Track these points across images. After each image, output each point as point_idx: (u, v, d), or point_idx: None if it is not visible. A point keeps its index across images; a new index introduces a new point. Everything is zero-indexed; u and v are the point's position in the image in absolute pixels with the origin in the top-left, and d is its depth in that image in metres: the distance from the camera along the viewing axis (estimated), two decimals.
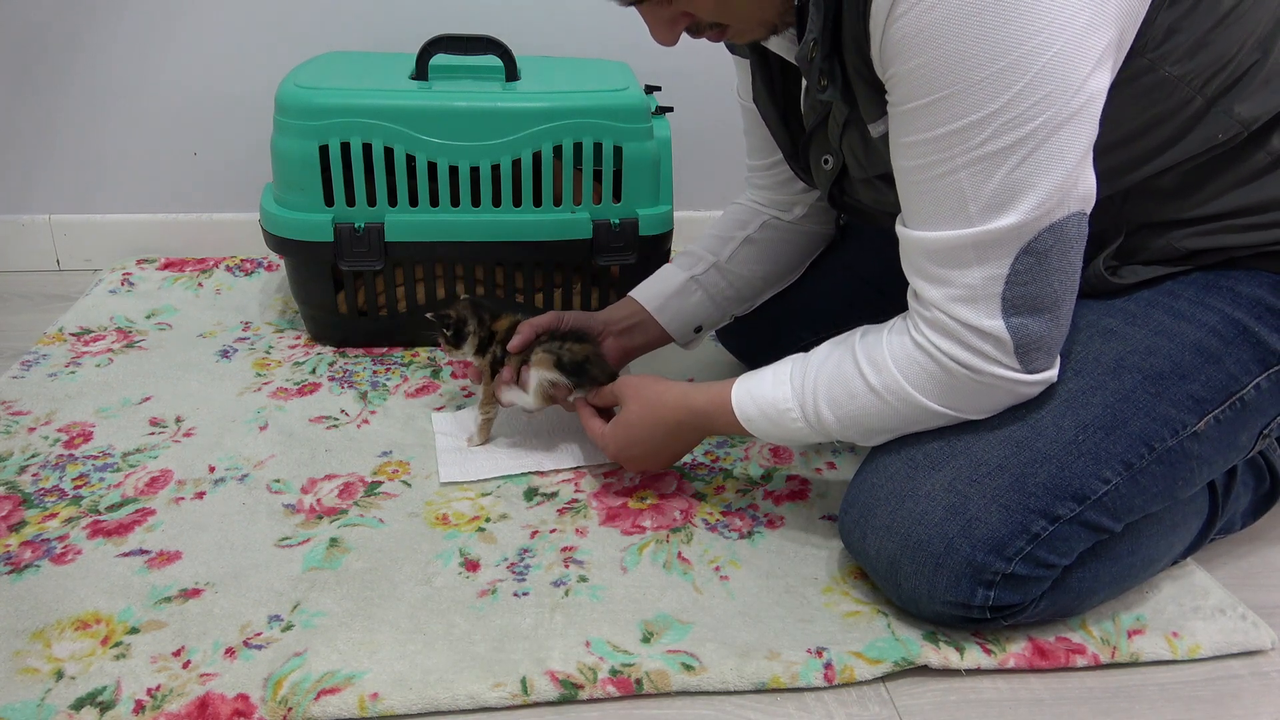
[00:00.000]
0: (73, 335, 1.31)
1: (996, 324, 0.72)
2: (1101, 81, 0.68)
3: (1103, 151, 0.70)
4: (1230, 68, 0.74)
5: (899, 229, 0.77)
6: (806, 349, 0.85)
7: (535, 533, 0.94)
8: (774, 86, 0.93)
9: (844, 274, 1.13)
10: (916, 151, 0.71)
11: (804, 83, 0.88)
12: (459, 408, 1.16)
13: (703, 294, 1.09)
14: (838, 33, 0.72)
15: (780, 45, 0.83)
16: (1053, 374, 0.77)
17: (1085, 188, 0.70)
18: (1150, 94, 0.74)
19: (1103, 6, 0.65)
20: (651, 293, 1.10)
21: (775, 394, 0.84)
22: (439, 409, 1.16)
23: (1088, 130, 0.68)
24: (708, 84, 1.53)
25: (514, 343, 1.04)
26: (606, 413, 1.02)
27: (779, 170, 1.06)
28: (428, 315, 1.08)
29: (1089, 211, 0.71)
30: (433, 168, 1.21)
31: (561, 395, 1.02)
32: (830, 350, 0.83)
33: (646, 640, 0.81)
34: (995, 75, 0.65)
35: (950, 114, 0.67)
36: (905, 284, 0.79)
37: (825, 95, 0.77)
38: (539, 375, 1.02)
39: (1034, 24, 0.63)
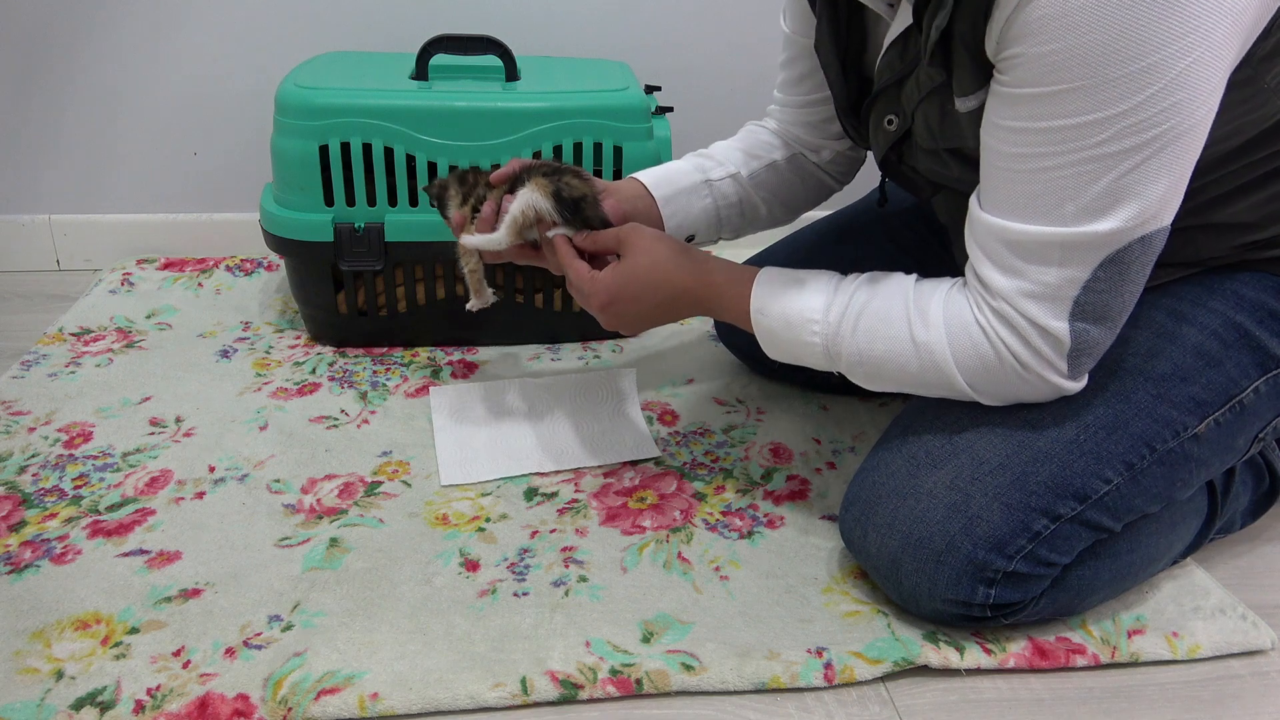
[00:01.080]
0: (73, 335, 1.31)
1: (1061, 326, 0.71)
2: (1220, 95, 0.66)
3: None
4: None
5: (973, 209, 0.74)
6: None
7: (535, 533, 0.94)
8: (839, 36, 0.88)
9: (850, 269, 1.12)
10: (1022, 139, 0.68)
11: (885, 39, 0.82)
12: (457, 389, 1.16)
13: (710, 202, 1.04)
14: None
15: None
16: (1084, 383, 0.76)
17: (1178, 200, 0.68)
18: (1245, 103, 0.72)
19: (1240, 17, 0.63)
20: (661, 179, 1.02)
21: (807, 301, 0.81)
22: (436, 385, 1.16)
23: (1200, 143, 0.66)
24: (708, 84, 1.53)
25: (497, 173, 0.95)
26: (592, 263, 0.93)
27: (814, 110, 1.02)
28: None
29: (1171, 224, 0.69)
30: (433, 168, 1.21)
31: (542, 231, 0.92)
32: (881, 282, 0.79)
33: (646, 640, 0.81)
34: (1133, 75, 0.62)
35: (1075, 107, 0.64)
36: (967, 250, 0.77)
37: (933, 64, 0.73)
38: (528, 198, 0.90)
39: (1181, 26, 0.60)
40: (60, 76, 1.48)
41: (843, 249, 1.15)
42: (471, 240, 0.95)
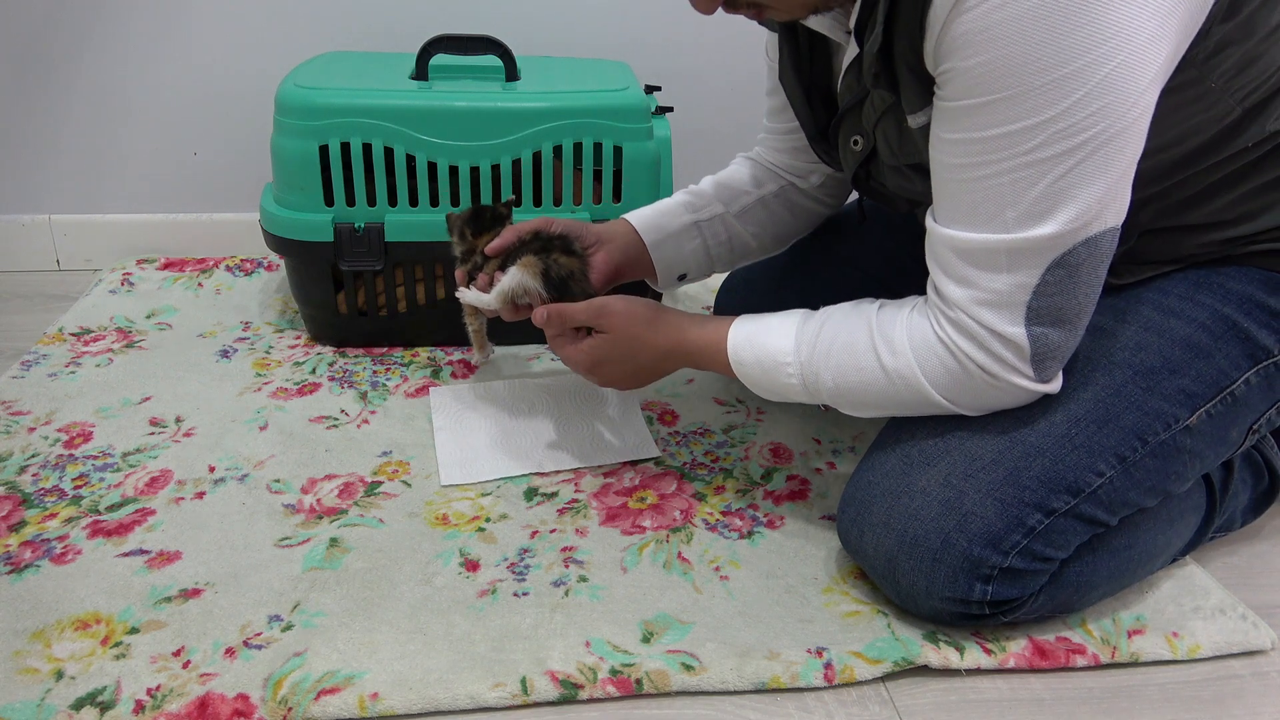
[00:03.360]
0: (73, 335, 1.31)
1: (1018, 331, 0.72)
2: (1154, 96, 0.67)
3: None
4: (1272, 80, 0.74)
5: (928, 223, 0.76)
6: None
7: (535, 533, 0.94)
8: (801, 64, 0.90)
9: (851, 271, 1.12)
10: (960, 150, 0.70)
11: (843, 63, 0.85)
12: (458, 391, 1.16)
13: (701, 242, 1.06)
14: (890, 20, 0.71)
15: (821, 23, 0.81)
16: (1058, 384, 0.77)
17: (1123, 202, 0.69)
18: (1194, 104, 0.73)
19: (1167, 20, 0.64)
20: (651, 224, 1.05)
21: (777, 345, 0.83)
22: (436, 386, 1.16)
23: (1135, 145, 0.67)
24: (708, 84, 1.53)
25: (493, 245, 1.01)
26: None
27: (800, 136, 1.03)
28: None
29: (1121, 226, 0.70)
30: (433, 168, 1.21)
31: (535, 303, 0.97)
32: (844, 316, 0.81)
33: (646, 640, 0.81)
34: (1056, 82, 0.64)
35: (1004, 116, 0.66)
36: (913, 283, 0.79)
37: (876, 86, 0.75)
38: (518, 278, 0.96)
39: (1101, 33, 0.62)
40: (61, 77, 1.48)
41: (840, 247, 1.15)
42: (467, 296, 1.03)
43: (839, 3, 0.77)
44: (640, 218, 1.06)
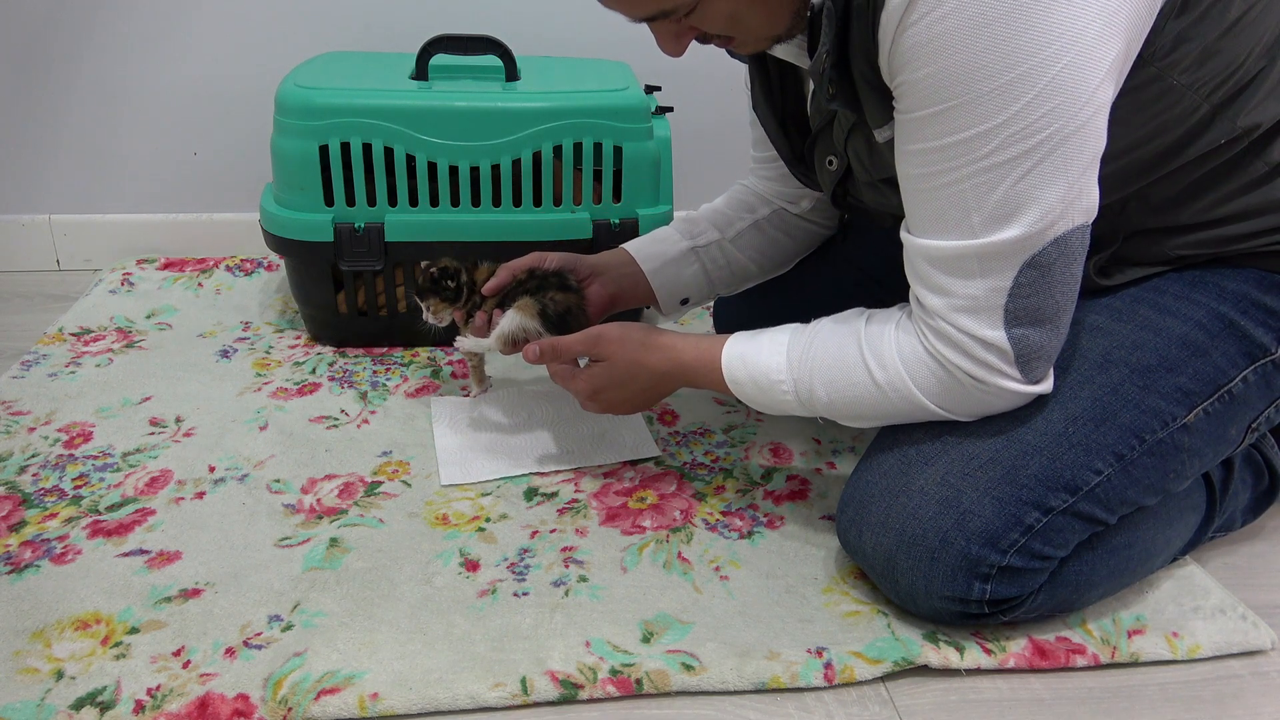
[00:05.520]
0: (73, 335, 1.31)
1: (999, 335, 0.72)
2: (1108, 93, 0.68)
3: (1107, 159, 0.70)
4: (1237, 75, 0.74)
5: (903, 234, 0.77)
6: None
7: (535, 533, 0.94)
8: (772, 92, 0.93)
9: (846, 266, 1.13)
10: (922, 160, 0.71)
11: (810, 86, 0.87)
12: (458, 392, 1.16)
13: (699, 267, 1.08)
14: (844, 40, 0.72)
15: (787, 51, 0.83)
16: (1049, 384, 0.78)
17: (1089, 200, 0.70)
18: (1157, 102, 0.74)
19: (1113, 18, 0.65)
20: (649, 252, 1.07)
21: (770, 363, 0.84)
22: (438, 392, 1.16)
23: (1093, 142, 0.68)
24: (708, 84, 1.53)
25: (490, 284, 1.03)
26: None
27: (783, 164, 1.05)
28: (427, 267, 1.04)
29: (1091, 223, 0.71)
30: (433, 168, 1.21)
31: (532, 338, 1.00)
32: (833, 330, 0.82)
33: (646, 640, 0.81)
34: (1004, 87, 0.65)
35: (957, 124, 0.67)
36: (907, 278, 0.79)
37: (834, 105, 0.77)
38: (517, 321, 0.99)
39: (1045, 36, 0.63)
40: (61, 77, 1.48)
41: (839, 247, 1.15)
42: (465, 344, 1.05)
43: (800, 30, 0.79)
44: (637, 246, 1.08)
